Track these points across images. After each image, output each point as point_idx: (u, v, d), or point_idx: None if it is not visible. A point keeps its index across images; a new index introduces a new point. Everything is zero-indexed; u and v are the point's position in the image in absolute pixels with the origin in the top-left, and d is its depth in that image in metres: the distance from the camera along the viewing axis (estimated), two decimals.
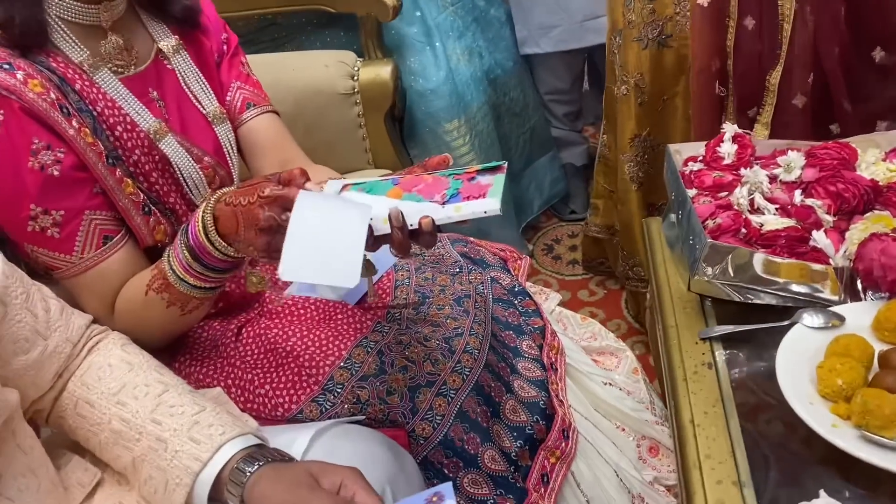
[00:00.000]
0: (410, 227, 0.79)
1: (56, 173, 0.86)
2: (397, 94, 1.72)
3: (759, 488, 0.81)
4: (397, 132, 1.80)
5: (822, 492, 0.77)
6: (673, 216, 1.17)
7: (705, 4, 1.34)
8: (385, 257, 0.91)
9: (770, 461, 0.84)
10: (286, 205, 0.77)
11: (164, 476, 0.76)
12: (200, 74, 1.02)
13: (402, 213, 0.78)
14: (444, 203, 0.80)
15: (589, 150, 2.34)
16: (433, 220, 0.79)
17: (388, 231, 0.79)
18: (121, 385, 0.81)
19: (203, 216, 0.84)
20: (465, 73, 1.92)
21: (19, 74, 0.84)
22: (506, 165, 0.84)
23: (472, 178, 0.83)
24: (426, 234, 0.79)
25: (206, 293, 0.89)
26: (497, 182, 0.81)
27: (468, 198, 0.80)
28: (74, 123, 0.87)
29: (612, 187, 1.90)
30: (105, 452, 0.81)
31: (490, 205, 0.78)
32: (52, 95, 0.86)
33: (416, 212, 0.79)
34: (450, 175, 0.84)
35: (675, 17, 1.47)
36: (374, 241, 0.80)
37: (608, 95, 1.79)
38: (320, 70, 1.67)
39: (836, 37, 1.33)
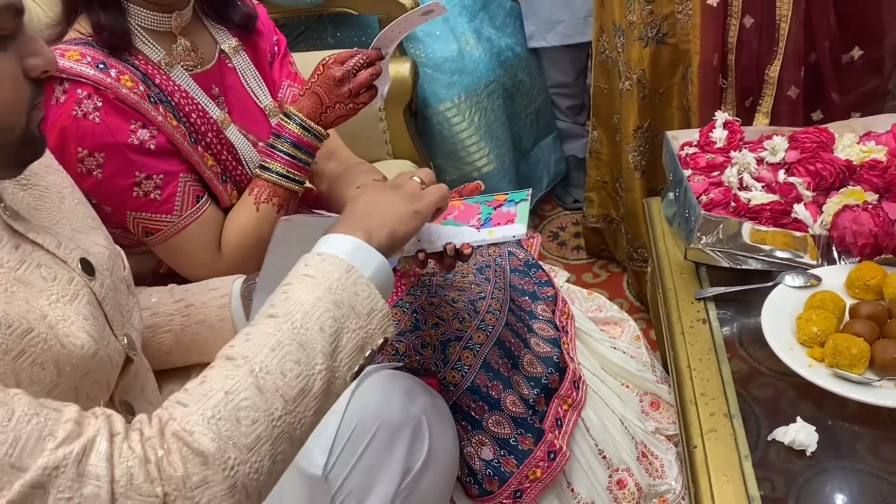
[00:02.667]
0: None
1: (153, 147, 1.01)
2: (415, 90, 1.85)
3: (746, 419, 0.95)
4: (414, 125, 1.93)
5: (798, 418, 0.91)
6: (671, 194, 1.31)
7: (714, 4, 1.47)
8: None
9: (755, 397, 0.98)
10: (342, 58, 1.06)
11: (205, 313, 0.96)
12: (257, 72, 1.17)
13: (455, 246, 0.93)
14: (479, 227, 0.95)
15: None
16: (472, 246, 0.94)
17: (439, 250, 0.94)
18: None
19: (288, 121, 1.07)
20: (475, 53, 2.04)
21: (112, 72, 0.98)
22: (530, 193, 1.00)
23: (501, 206, 0.98)
24: (465, 256, 0.95)
25: (301, 186, 1.12)
26: (522, 210, 0.97)
27: (499, 223, 0.95)
28: (161, 110, 1.01)
29: (605, 179, 2.03)
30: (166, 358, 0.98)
31: (518, 230, 0.94)
32: (141, 88, 1.00)
33: (458, 235, 0.95)
34: (482, 202, 1.00)
35: (676, 15, 1.60)
36: (425, 257, 0.96)
37: (597, 93, 1.92)
38: None
39: (827, 36, 1.47)
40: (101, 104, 0.97)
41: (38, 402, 0.58)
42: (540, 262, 1.37)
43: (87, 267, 0.75)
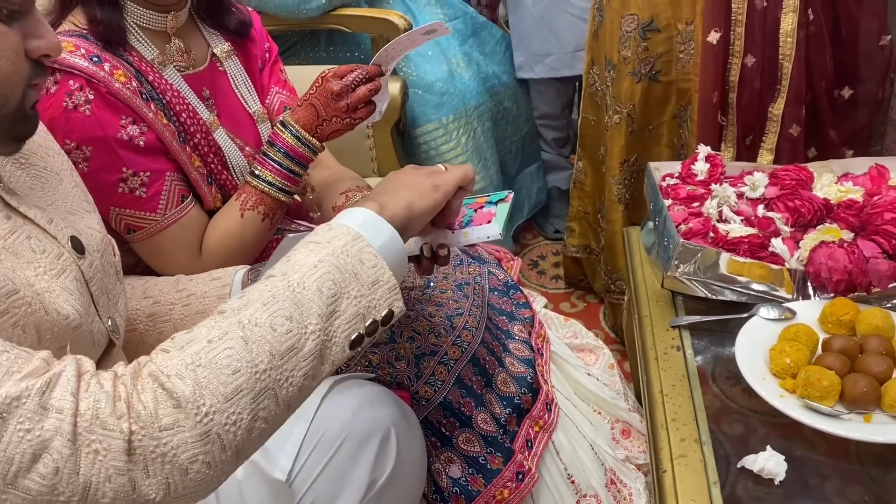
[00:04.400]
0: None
1: (142, 143, 1.00)
2: (404, 109, 1.86)
3: (716, 445, 0.94)
4: (401, 144, 1.94)
5: (768, 447, 0.91)
6: (651, 223, 1.32)
7: (714, 43, 1.51)
8: None
9: (726, 424, 0.98)
10: (341, 72, 1.05)
11: (205, 303, 0.94)
12: (247, 78, 1.17)
13: (432, 247, 0.92)
14: (458, 229, 0.94)
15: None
16: (449, 249, 0.93)
17: (416, 253, 0.93)
18: (144, 287, 1.00)
19: (283, 130, 1.07)
20: (464, 76, 2.06)
21: (106, 66, 0.98)
22: (511, 195, 0.99)
23: (482, 207, 0.98)
24: (443, 259, 0.94)
25: (290, 197, 1.11)
26: (501, 211, 0.96)
27: (478, 223, 0.95)
28: (153, 107, 1.01)
29: (587, 210, 2.05)
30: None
31: (492, 230, 0.93)
32: (134, 84, 1.00)
33: (434, 236, 0.94)
34: (464, 205, 0.99)
35: (678, 54, 1.62)
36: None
37: (585, 124, 1.94)
38: None
39: (824, 75, 1.51)
40: (92, 97, 0.96)
41: (11, 344, 0.58)
42: (519, 285, 1.37)
43: (78, 245, 0.75)
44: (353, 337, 0.70)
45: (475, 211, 0.96)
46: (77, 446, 0.55)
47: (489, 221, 0.93)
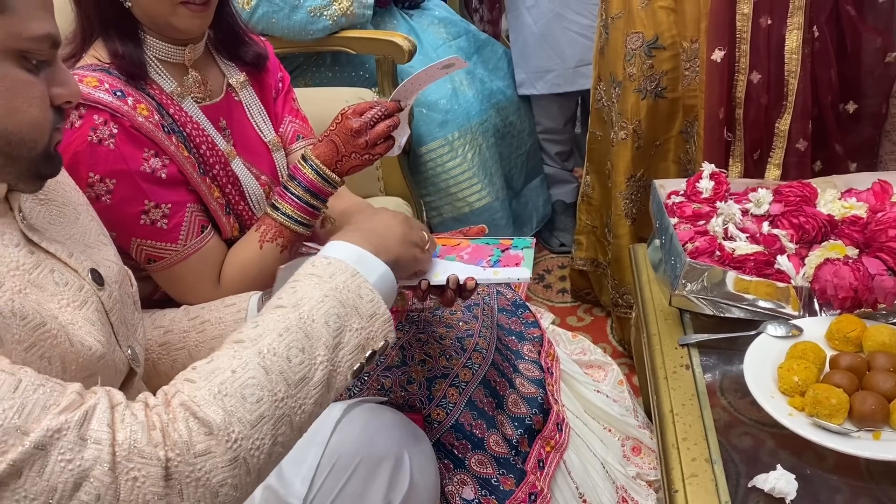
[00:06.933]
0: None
1: (164, 176, 1.02)
2: (409, 128, 1.88)
3: (727, 464, 0.95)
4: (407, 163, 1.95)
5: (778, 466, 0.92)
6: (657, 241, 1.33)
7: (718, 60, 1.53)
8: None
9: (736, 443, 0.98)
10: (361, 110, 1.06)
11: (221, 328, 0.96)
12: (262, 107, 1.19)
13: (458, 279, 0.96)
14: (488, 267, 0.98)
15: (579, 189, 2.51)
16: (476, 282, 0.96)
17: (443, 283, 0.97)
18: (152, 319, 1.03)
19: (304, 165, 1.08)
20: (468, 93, 2.08)
21: (129, 100, 1.00)
22: (535, 242, 1.04)
23: (508, 249, 1.02)
24: (468, 291, 0.97)
25: (308, 230, 1.12)
26: (528, 255, 1.00)
27: (506, 265, 0.98)
28: (174, 140, 1.03)
29: (595, 224, 2.06)
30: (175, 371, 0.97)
31: (522, 273, 0.97)
32: (156, 117, 1.01)
33: (463, 271, 0.98)
34: (490, 244, 1.04)
35: (683, 72, 1.64)
36: (428, 286, 0.98)
37: (592, 139, 1.96)
38: (341, 104, 1.81)
39: (829, 90, 1.53)
40: (116, 131, 0.98)
41: (44, 377, 0.61)
42: (527, 303, 1.38)
43: (97, 277, 0.77)
44: (355, 367, 0.75)
45: (502, 252, 0.99)
46: (116, 474, 0.59)
47: (517, 264, 0.96)
